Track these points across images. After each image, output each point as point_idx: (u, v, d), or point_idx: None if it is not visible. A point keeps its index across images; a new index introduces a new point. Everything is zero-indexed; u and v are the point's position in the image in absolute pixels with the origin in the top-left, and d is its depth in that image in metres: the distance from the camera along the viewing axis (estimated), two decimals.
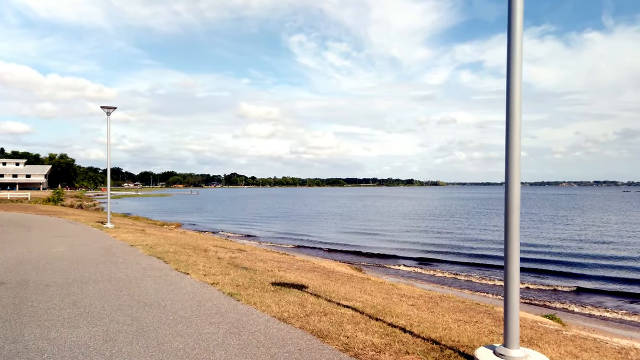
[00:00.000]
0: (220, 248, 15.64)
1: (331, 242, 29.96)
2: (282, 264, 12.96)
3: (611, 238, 29.93)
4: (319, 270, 13.09)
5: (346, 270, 15.84)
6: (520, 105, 4.32)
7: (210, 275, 9.09)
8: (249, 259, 13.04)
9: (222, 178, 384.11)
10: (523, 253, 23.84)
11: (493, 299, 14.86)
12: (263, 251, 18.35)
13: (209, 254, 13.18)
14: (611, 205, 78.20)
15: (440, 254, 23.98)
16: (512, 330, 4.36)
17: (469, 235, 32.28)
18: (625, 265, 20.41)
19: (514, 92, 4.32)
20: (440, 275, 19.01)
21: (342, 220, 48.96)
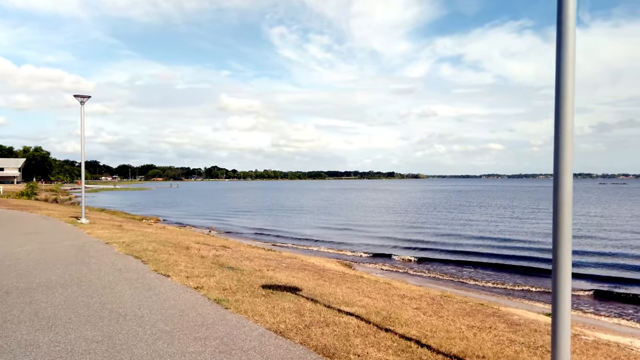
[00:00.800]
0: (203, 245, 14.73)
1: (316, 236, 29.22)
2: (269, 262, 12.15)
3: (599, 232, 29.87)
4: (309, 268, 12.32)
5: (336, 267, 15.11)
6: (573, 97, 3.57)
7: (193, 278, 8.23)
8: (235, 257, 12.19)
9: (203, 171, 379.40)
10: (513, 249, 23.47)
11: (490, 296, 14.30)
12: (248, 247, 17.50)
13: (191, 252, 12.28)
14: (590, 197, 79.20)
15: (427, 249, 23.45)
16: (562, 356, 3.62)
17: (454, 229, 31.90)
18: (616, 260, 20.16)
19: (565, 81, 3.56)
20: (430, 270, 18.44)
21: (326, 214, 48.27)
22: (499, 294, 14.97)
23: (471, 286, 15.86)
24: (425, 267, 18.96)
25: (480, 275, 17.51)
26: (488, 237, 27.32)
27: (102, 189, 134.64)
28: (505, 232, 29.26)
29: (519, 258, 20.40)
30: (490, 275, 17.60)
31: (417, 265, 19.30)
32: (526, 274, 17.70)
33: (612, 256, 20.69)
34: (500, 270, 18.34)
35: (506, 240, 25.59)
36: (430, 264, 19.59)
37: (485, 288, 15.63)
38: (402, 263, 19.83)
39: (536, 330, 6.90)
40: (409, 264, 19.72)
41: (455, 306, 8.41)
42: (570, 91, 3.58)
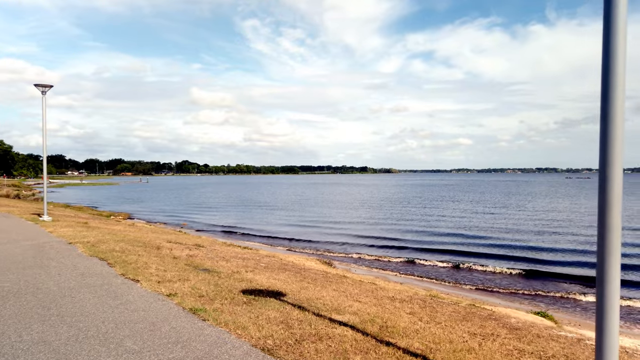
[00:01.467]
0: (175, 244, 13.88)
1: (293, 233, 28.56)
2: (247, 262, 11.43)
3: (571, 224, 30.21)
4: (289, 268, 11.66)
5: (317, 265, 14.49)
6: (623, 93, 3.01)
7: (165, 283, 7.46)
8: (210, 257, 11.42)
9: (173, 166, 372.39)
10: (488, 246, 23.33)
11: (474, 292, 13.94)
12: (223, 245, 16.69)
13: (162, 252, 11.44)
14: (558, 190, 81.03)
15: (404, 246, 23.11)
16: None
17: (429, 224, 31.76)
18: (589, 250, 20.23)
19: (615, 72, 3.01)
20: (409, 266, 18.08)
21: (302, 209, 47.61)
22: (481, 290, 14.66)
23: (452, 283, 15.50)
24: (404, 263, 18.57)
25: (458, 271, 17.20)
26: (462, 232, 27.20)
27: (68, 184, 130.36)
28: (478, 227, 29.25)
29: (494, 255, 20.23)
30: (467, 270, 17.31)
31: (396, 261, 18.88)
32: (495, 266, 17.51)
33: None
34: (476, 266, 18.11)
35: (480, 238, 25.50)
36: (408, 260, 19.20)
37: (466, 284, 15.30)
38: (380, 259, 19.38)
39: (539, 336, 6.45)
40: (388, 261, 19.28)
41: (448, 309, 7.91)
42: (621, 86, 3.02)
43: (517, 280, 16.00)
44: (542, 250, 20.73)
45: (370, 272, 16.35)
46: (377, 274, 16.00)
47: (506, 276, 16.53)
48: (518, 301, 13.75)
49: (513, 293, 14.34)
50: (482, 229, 28.15)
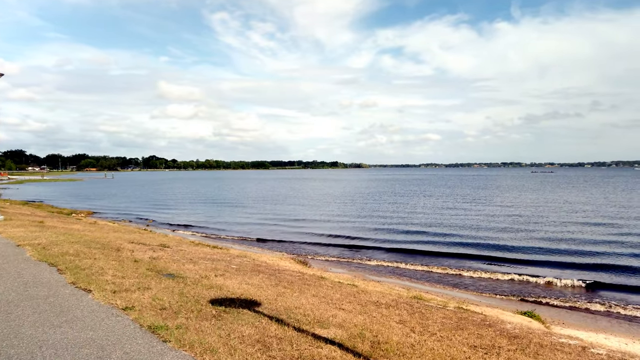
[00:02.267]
0: (138, 244, 12.82)
1: (264, 229, 27.66)
2: (217, 264, 10.53)
3: (548, 218, 30.35)
4: (263, 269, 10.82)
5: (292, 265, 13.68)
6: None
7: (122, 293, 6.53)
8: (176, 259, 10.46)
9: (140, 161, 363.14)
10: (456, 236, 23.02)
11: (452, 289, 13.42)
12: (191, 245, 15.67)
13: (122, 254, 10.41)
14: (525, 184, 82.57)
15: (375, 242, 22.57)
16: None
17: (401, 219, 31.39)
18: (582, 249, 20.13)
19: None
20: (384, 262, 17.51)
21: (273, 205, 46.64)
22: (459, 287, 14.19)
23: (430, 283, 14.97)
24: (380, 260, 17.98)
25: (434, 268, 16.72)
26: (435, 230, 26.90)
27: (28, 180, 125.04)
28: (450, 222, 29.04)
29: (469, 255, 19.88)
30: (441, 266, 16.86)
31: (371, 259, 18.26)
32: (470, 262, 17.14)
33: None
34: (442, 257, 17.71)
35: (446, 235, 25.22)
36: (384, 257, 18.62)
37: (446, 284, 14.80)
38: (355, 257, 18.73)
39: (541, 345, 5.86)
40: (363, 258, 18.64)
41: (438, 315, 7.26)
42: None
43: (492, 277, 15.64)
44: (511, 242, 20.54)
45: (347, 271, 15.66)
46: (354, 273, 15.33)
47: (478, 272, 16.15)
48: (498, 297, 13.34)
49: (489, 289, 13.93)
50: (454, 225, 27.92)
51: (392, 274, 16.09)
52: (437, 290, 13.55)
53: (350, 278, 12.78)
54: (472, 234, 23.84)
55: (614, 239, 21.73)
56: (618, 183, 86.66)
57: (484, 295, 13.47)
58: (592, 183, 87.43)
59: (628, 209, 35.47)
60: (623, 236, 22.46)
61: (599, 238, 22.00)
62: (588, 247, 19.80)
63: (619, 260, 17.23)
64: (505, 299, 13.21)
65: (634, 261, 17.09)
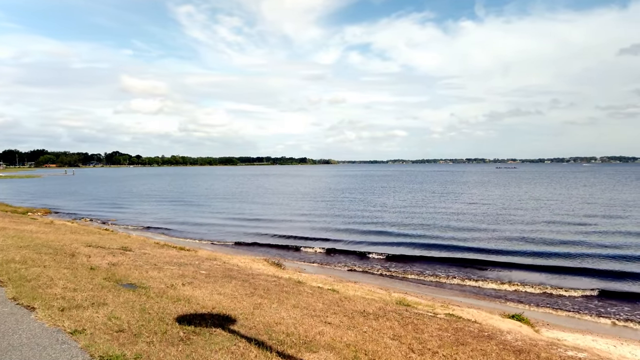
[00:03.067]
0: (97, 248, 11.71)
1: (233, 228, 26.65)
2: (185, 270, 9.60)
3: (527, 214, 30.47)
4: (235, 273, 9.95)
5: (266, 268, 12.84)
6: None
7: (72, 310, 5.58)
8: (138, 265, 9.47)
9: (103, 157, 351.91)
10: (426, 237, 22.67)
11: (436, 291, 12.89)
12: (156, 247, 14.59)
13: (77, 260, 9.34)
14: (491, 180, 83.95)
15: (344, 241, 21.97)
16: None
17: (371, 214, 30.94)
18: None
19: None
20: (356, 259, 16.95)
21: (241, 203, 45.47)
22: (432, 285, 13.71)
23: (407, 279, 14.43)
24: (352, 256, 17.36)
25: (407, 264, 16.23)
26: (406, 223, 26.56)
27: None
28: (418, 220, 28.78)
29: (438, 246, 19.52)
30: (413, 262, 16.39)
31: (345, 258, 17.61)
32: (446, 263, 16.73)
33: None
34: (416, 260, 17.28)
35: (421, 236, 24.90)
36: (355, 253, 18.00)
37: (417, 281, 14.32)
38: (330, 258, 18.04)
39: (521, 350, 5.28)
40: (335, 254, 17.99)
41: (432, 326, 6.61)
42: None
43: (464, 272, 15.28)
44: (481, 241, 20.31)
45: (323, 272, 14.93)
46: (329, 273, 14.61)
47: (452, 267, 15.76)
48: (475, 297, 12.93)
49: (469, 290, 13.50)
50: (426, 224, 27.64)
51: (367, 274, 15.50)
52: (416, 291, 13.00)
53: (329, 281, 12.04)
54: (444, 233, 23.54)
55: (584, 238, 21.77)
56: (578, 179, 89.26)
57: (463, 296, 13.02)
58: (554, 179, 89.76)
59: (592, 205, 36.15)
60: (593, 234, 22.59)
61: (569, 237, 22.03)
62: (557, 247, 19.73)
63: (585, 260, 17.11)
64: (485, 299, 12.80)
65: (606, 260, 17.03)
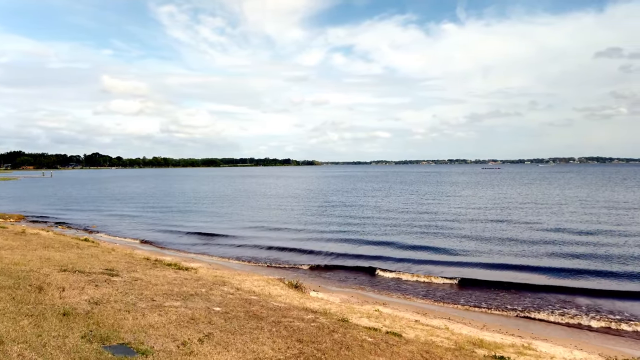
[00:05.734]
0: (73, 273, 9.09)
1: (226, 233, 24.07)
2: (194, 308, 7.11)
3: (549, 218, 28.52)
4: (258, 310, 7.50)
5: (286, 293, 10.36)
6: None
7: None
8: (130, 303, 6.96)
9: (82, 159, 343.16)
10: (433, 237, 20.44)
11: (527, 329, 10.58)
12: (146, 265, 11.96)
13: (45, 298, 6.78)
14: (481, 180, 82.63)
15: (358, 247, 19.64)
16: None
17: (387, 219, 28.71)
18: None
19: None
20: (370, 276, 14.58)
21: (230, 205, 42.78)
22: (514, 317, 11.44)
23: (463, 306, 12.10)
24: (364, 273, 14.98)
25: (459, 288, 13.91)
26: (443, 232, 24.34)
27: None
28: (427, 222, 26.65)
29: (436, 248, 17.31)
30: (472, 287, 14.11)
31: (353, 270, 15.24)
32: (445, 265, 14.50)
33: None
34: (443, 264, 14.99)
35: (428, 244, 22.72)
36: (367, 268, 15.66)
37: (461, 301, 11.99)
38: (341, 268, 15.65)
39: None
40: (346, 268, 15.61)
41: None
42: None
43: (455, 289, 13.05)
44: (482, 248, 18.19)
45: (343, 289, 12.52)
46: (353, 293, 12.23)
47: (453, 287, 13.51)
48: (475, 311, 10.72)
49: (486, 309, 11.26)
50: (452, 225, 25.47)
51: (396, 290, 13.18)
52: (471, 316, 10.72)
53: (370, 312, 9.62)
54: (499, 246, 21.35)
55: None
56: (558, 179, 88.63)
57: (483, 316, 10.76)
58: (538, 178, 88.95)
59: (562, 206, 34.51)
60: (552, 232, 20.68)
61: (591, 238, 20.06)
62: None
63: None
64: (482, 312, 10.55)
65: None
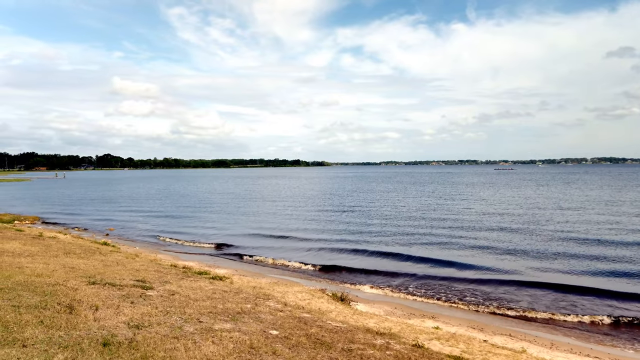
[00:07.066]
0: (103, 287, 8.09)
1: (245, 237, 23.09)
2: (248, 332, 6.07)
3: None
4: (318, 332, 6.45)
5: (336, 309, 9.28)
6: None
7: None
8: (174, 326, 5.92)
9: (94, 160, 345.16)
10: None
11: None
12: (177, 274, 10.92)
13: (78, 320, 5.76)
14: (497, 181, 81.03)
15: (378, 245, 18.53)
16: None
17: (424, 221, 27.53)
18: None
19: None
20: (415, 279, 13.45)
21: (246, 206, 41.80)
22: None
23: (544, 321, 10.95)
24: (422, 285, 13.86)
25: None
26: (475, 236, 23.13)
27: None
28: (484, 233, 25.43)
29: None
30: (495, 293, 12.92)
31: (413, 281, 14.14)
32: None
33: None
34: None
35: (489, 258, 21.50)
36: (422, 279, 14.53)
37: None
38: (393, 279, 14.55)
39: None
40: (387, 273, 14.52)
41: None
42: None
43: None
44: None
45: (388, 298, 11.45)
46: (390, 300, 11.15)
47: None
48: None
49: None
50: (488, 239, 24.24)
51: (433, 297, 12.05)
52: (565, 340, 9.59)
53: (432, 330, 8.53)
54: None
55: None
56: (576, 180, 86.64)
57: None
58: (556, 179, 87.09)
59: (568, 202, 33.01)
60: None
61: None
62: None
63: None
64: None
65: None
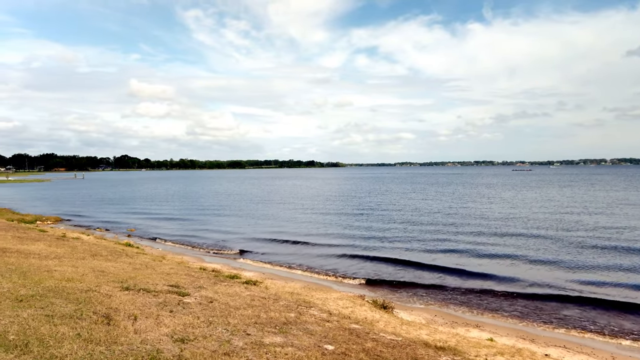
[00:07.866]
0: (138, 293, 7.61)
1: (268, 236, 22.58)
2: (302, 347, 5.52)
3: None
4: (374, 347, 5.87)
5: (381, 317, 8.66)
6: None
7: None
8: (221, 340, 5.45)
9: (112, 161, 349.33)
10: None
11: None
12: (208, 278, 10.43)
13: (118, 332, 5.24)
14: (516, 182, 79.45)
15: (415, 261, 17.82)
16: None
17: (474, 224, 26.75)
18: None
19: None
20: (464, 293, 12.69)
21: (266, 207, 41.35)
22: None
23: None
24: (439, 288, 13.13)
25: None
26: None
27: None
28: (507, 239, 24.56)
29: None
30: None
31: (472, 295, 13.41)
32: None
33: None
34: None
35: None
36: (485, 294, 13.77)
37: None
38: (416, 288, 13.84)
39: None
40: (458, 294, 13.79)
41: None
42: None
43: None
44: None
45: (421, 304, 10.80)
46: (429, 308, 10.50)
47: None
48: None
49: None
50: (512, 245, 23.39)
51: (476, 306, 11.36)
52: None
53: (486, 342, 7.88)
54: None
55: None
56: (599, 181, 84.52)
57: None
58: (576, 180, 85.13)
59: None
60: None
61: None
62: None
63: None
64: None
65: None
